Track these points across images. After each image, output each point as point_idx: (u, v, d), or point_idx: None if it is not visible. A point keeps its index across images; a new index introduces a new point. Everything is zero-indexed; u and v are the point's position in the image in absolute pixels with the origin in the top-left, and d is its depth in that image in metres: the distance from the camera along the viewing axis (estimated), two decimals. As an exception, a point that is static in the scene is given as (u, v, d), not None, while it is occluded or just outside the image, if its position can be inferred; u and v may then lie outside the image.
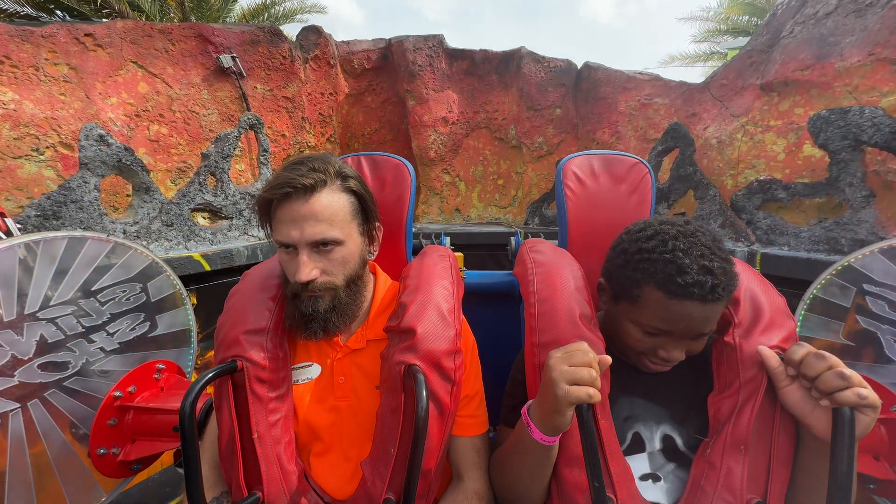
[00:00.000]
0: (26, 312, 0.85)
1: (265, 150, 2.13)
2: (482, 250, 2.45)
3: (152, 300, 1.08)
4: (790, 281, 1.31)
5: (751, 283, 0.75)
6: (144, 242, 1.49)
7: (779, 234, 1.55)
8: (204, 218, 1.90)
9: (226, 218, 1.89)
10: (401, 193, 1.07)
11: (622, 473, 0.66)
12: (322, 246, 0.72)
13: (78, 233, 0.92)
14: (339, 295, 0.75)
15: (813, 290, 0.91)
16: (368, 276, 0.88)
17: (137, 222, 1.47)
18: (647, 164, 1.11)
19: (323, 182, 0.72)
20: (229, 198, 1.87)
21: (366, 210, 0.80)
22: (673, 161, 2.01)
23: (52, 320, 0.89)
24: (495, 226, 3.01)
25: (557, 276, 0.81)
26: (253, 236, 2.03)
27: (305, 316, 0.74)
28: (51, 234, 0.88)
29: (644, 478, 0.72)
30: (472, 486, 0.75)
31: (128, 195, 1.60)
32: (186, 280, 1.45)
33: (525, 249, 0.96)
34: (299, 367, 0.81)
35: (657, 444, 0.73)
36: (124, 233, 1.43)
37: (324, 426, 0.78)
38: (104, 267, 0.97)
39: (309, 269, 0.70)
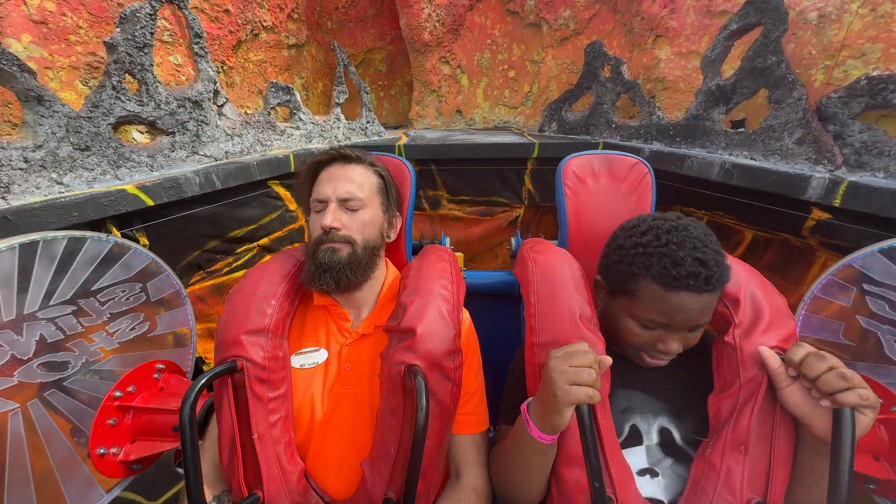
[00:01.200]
0: (26, 312, 0.85)
1: (198, 36, 1.43)
2: (489, 165, 1.92)
3: (152, 300, 1.08)
4: (882, 220, 0.94)
5: (751, 284, 0.75)
6: (55, 174, 1.04)
7: (876, 155, 1.07)
8: (141, 132, 1.40)
9: (165, 133, 1.34)
10: (400, 193, 1.07)
11: (622, 473, 0.66)
12: (349, 203, 0.83)
13: (77, 233, 0.92)
14: (356, 251, 0.81)
15: (813, 291, 0.91)
16: (384, 258, 0.93)
17: (41, 146, 1.02)
18: (647, 164, 1.11)
19: (360, 159, 0.90)
20: (162, 106, 1.28)
21: (389, 196, 0.93)
22: (748, 47, 1.36)
23: (51, 320, 0.88)
24: (504, 132, 2.33)
25: (557, 276, 0.82)
26: (206, 156, 1.45)
27: (321, 266, 0.79)
28: (50, 234, 0.87)
29: (642, 473, 0.72)
30: (470, 482, 0.76)
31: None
32: (128, 218, 1.12)
33: (525, 249, 0.96)
34: (306, 352, 0.82)
35: (654, 437, 0.74)
36: (25, 161, 0.99)
37: (326, 412, 0.78)
38: (103, 266, 0.97)
39: (334, 217, 0.81)
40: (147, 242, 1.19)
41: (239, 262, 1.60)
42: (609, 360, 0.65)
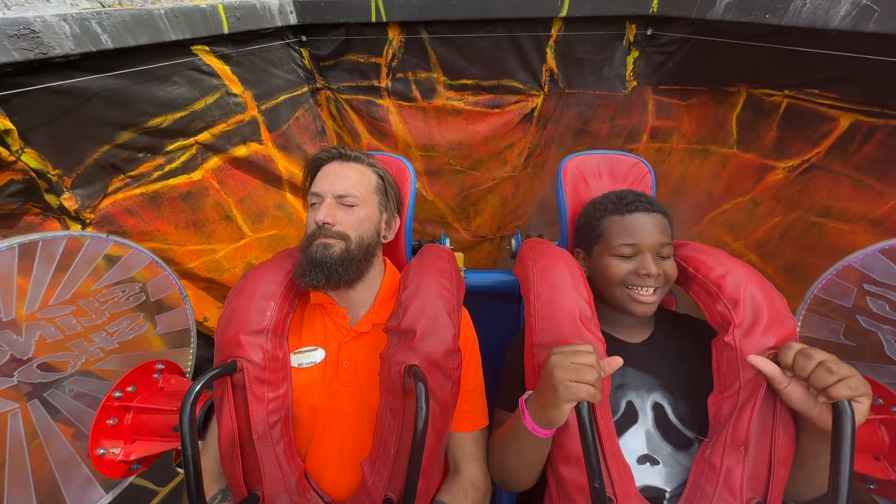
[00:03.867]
0: (25, 312, 0.85)
1: None
2: (500, 30, 1.49)
3: (152, 300, 1.07)
4: None
5: (750, 283, 0.75)
6: None
7: None
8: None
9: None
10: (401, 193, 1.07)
11: (622, 473, 0.66)
12: (345, 199, 0.84)
13: (77, 233, 0.92)
14: (349, 247, 0.81)
15: (813, 290, 0.91)
16: (381, 258, 0.93)
17: None
18: (647, 164, 1.11)
19: (359, 159, 0.91)
20: None
21: (388, 196, 0.94)
22: None
23: (51, 320, 0.88)
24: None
25: (557, 276, 0.82)
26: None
27: (313, 261, 0.78)
28: (49, 234, 0.87)
29: (641, 460, 0.72)
30: (469, 475, 0.76)
31: None
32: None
33: (525, 249, 0.96)
34: (303, 351, 0.82)
35: (649, 413, 0.75)
36: None
37: (324, 410, 0.78)
38: (103, 266, 0.97)
39: (328, 212, 0.81)
40: (12, 126, 0.81)
41: (174, 165, 1.20)
42: (619, 361, 0.65)
